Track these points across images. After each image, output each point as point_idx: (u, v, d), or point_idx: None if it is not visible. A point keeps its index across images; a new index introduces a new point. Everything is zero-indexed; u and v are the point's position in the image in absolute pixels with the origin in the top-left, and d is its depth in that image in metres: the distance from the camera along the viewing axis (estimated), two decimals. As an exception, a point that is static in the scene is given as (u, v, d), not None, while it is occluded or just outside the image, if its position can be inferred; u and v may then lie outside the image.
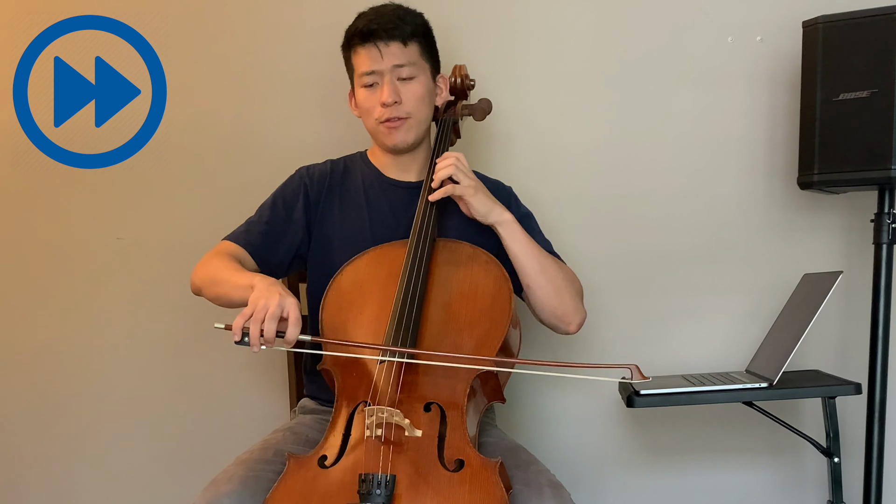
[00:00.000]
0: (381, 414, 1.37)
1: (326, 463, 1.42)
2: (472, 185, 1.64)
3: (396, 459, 1.37)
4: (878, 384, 1.76)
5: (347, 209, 1.78)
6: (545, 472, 1.52)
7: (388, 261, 1.62)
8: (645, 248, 2.06)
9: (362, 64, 1.69)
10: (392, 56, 1.67)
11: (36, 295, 2.27)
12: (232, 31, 2.18)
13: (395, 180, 1.80)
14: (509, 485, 1.43)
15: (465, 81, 1.87)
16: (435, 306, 1.56)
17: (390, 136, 1.72)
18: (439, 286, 1.59)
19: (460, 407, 1.45)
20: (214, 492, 1.42)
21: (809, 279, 1.81)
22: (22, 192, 2.26)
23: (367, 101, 1.71)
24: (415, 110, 1.71)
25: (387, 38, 1.66)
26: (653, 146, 2.05)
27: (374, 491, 1.32)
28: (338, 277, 1.63)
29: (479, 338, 1.53)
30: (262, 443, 1.62)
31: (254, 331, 1.38)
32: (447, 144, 1.79)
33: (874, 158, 1.68)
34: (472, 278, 1.60)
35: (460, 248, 1.65)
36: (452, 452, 1.40)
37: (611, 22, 2.06)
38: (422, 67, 1.72)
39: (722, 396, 1.69)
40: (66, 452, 2.28)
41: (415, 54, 1.70)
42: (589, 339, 2.07)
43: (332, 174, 1.81)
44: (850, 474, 1.81)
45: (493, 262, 1.62)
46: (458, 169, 1.64)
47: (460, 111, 1.86)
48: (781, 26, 1.94)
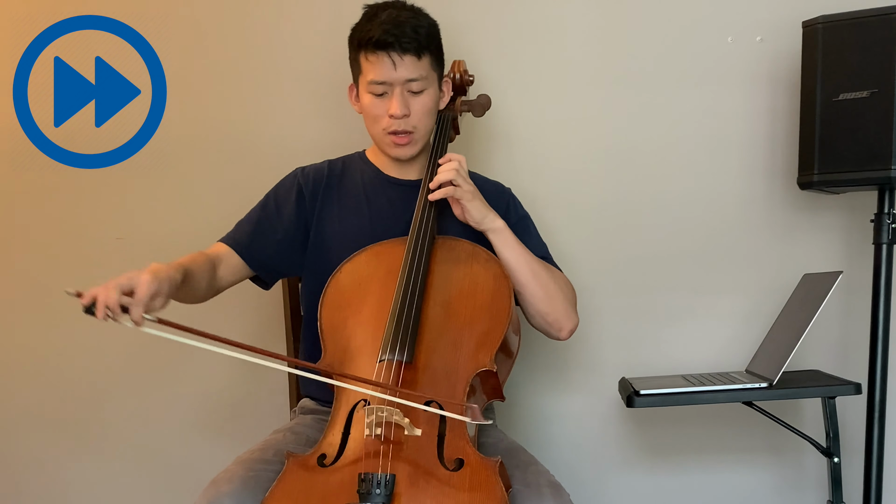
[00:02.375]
0: (381, 413, 1.37)
1: (326, 462, 1.42)
2: (470, 191, 1.65)
3: (396, 459, 1.37)
4: (878, 384, 1.76)
5: (346, 208, 1.78)
6: (545, 473, 1.52)
7: (388, 258, 1.62)
8: (644, 247, 2.06)
9: (374, 72, 1.66)
10: (405, 69, 1.65)
11: (36, 295, 2.27)
12: (232, 31, 2.18)
13: (394, 178, 1.79)
14: (509, 484, 1.43)
15: (464, 77, 1.86)
16: (434, 304, 1.56)
17: (394, 150, 1.72)
18: (439, 284, 1.58)
19: (460, 405, 1.44)
20: (215, 491, 1.42)
21: (809, 279, 1.81)
22: (22, 192, 2.26)
23: (374, 108, 1.70)
24: (420, 124, 1.71)
25: (401, 51, 1.64)
26: (653, 146, 2.05)
27: (374, 490, 1.32)
28: (336, 275, 1.63)
29: (479, 336, 1.53)
30: (262, 443, 1.62)
31: (99, 296, 1.34)
32: (446, 140, 1.79)
33: (874, 158, 1.68)
34: (472, 276, 1.60)
35: (460, 246, 1.65)
36: (452, 452, 1.40)
37: (610, 22, 2.06)
38: (432, 79, 1.71)
39: (722, 396, 1.69)
40: (66, 453, 2.28)
41: (427, 67, 1.68)
42: (589, 339, 2.07)
43: (329, 173, 1.80)
44: (850, 474, 1.81)
45: (493, 259, 1.62)
46: (458, 174, 1.64)
47: (459, 107, 1.85)
48: (781, 26, 1.94)
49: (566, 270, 1.87)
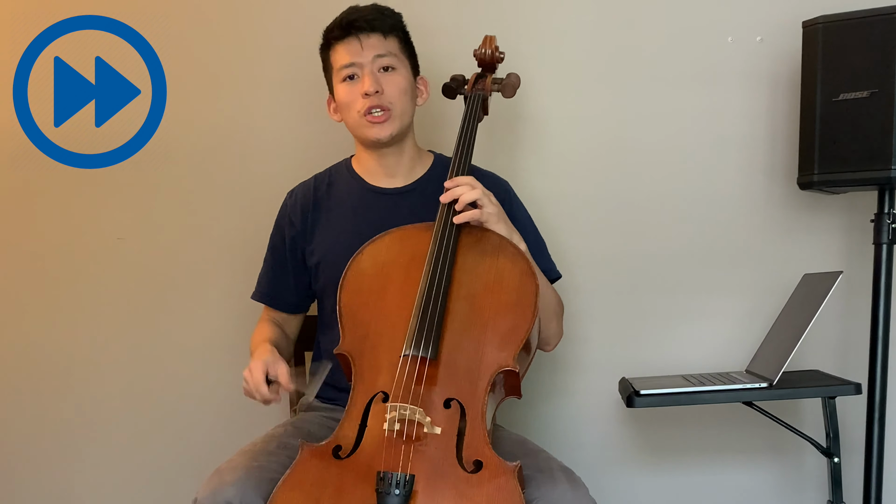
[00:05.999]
0: (404, 411, 1.36)
1: (341, 454, 1.40)
2: (495, 213, 1.58)
3: (415, 458, 1.36)
4: (878, 384, 1.76)
5: (334, 225, 1.78)
6: (554, 459, 1.54)
7: (412, 243, 1.57)
8: (644, 247, 2.06)
9: (341, 58, 1.69)
10: (372, 47, 1.67)
11: (36, 295, 2.27)
12: (232, 31, 2.18)
13: (380, 188, 1.78)
14: (524, 485, 1.42)
15: (495, 53, 1.77)
16: (459, 298, 1.51)
17: (372, 129, 1.70)
18: (464, 276, 1.53)
19: (480, 404, 1.43)
20: (218, 481, 1.43)
21: (809, 279, 1.81)
22: (22, 192, 2.26)
23: (347, 95, 1.70)
24: (397, 101, 1.69)
25: (367, 29, 1.67)
26: (653, 146, 2.05)
27: (393, 490, 1.31)
28: (357, 258, 1.58)
29: (503, 334, 1.48)
30: (265, 435, 1.63)
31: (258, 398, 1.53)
32: (476, 121, 1.71)
33: (874, 158, 1.68)
34: (498, 270, 1.54)
35: (487, 237, 1.57)
36: (471, 453, 1.38)
37: (610, 22, 2.06)
38: (402, 61, 1.72)
39: (722, 396, 1.69)
40: (67, 452, 2.28)
41: (395, 47, 1.70)
42: (589, 339, 2.07)
43: (315, 191, 1.81)
44: (850, 474, 1.81)
45: (521, 254, 1.56)
46: (483, 194, 1.56)
47: (489, 86, 1.76)
48: (781, 26, 1.94)
49: (565, 270, 1.88)
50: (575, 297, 2.00)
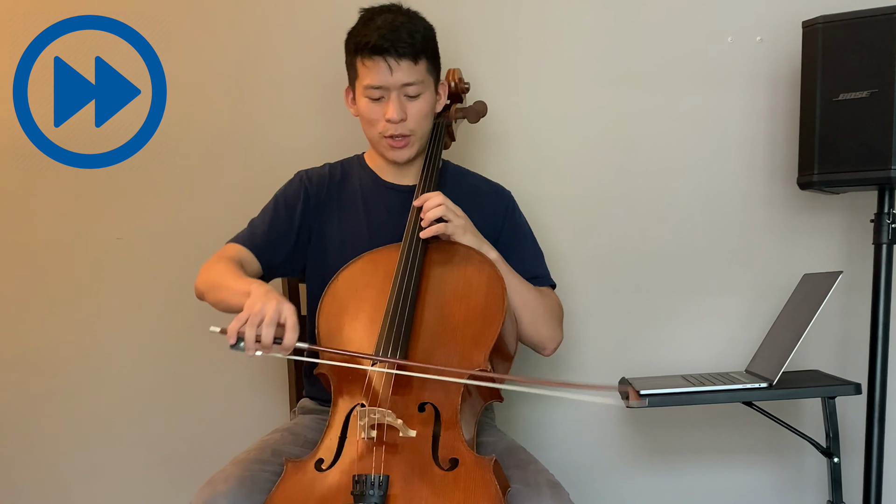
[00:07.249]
0: (374, 415, 1.37)
1: (323, 466, 1.42)
2: (461, 225, 1.63)
3: (390, 460, 1.38)
4: (878, 384, 1.76)
5: (346, 214, 1.78)
6: (544, 472, 1.52)
7: (384, 264, 1.61)
8: (644, 248, 2.06)
9: (370, 77, 1.66)
10: (402, 74, 1.65)
11: (36, 295, 2.27)
12: (232, 31, 2.18)
13: (392, 184, 1.80)
14: (507, 483, 1.43)
15: (459, 85, 1.86)
16: (429, 307, 1.56)
17: (391, 152, 1.73)
18: (433, 287, 1.58)
19: (454, 407, 1.45)
20: (211, 491, 1.43)
21: (809, 279, 1.81)
22: (22, 192, 2.26)
23: (370, 112, 1.70)
24: (418, 127, 1.71)
25: (397, 55, 1.64)
26: (652, 146, 2.05)
27: (368, 492, 1.32)
28: (333, 283, 1.63)
29: (473, 338, 1.52)
30: (259, 443, 1.62)
31: (249, 335, 1.38)
32: (440, 147, 1.78)
33: (874, 158, 1.68)
34: (466, 278, 1.60)
35: (454, 249, 1.64)
36: (447, 452, 1.40)
37: (609, 22, 2.06)
38: (428, 84, 1.71)
39: (722, 396, 1.69)
40: (64, 452, 2.28)
41: (423, 71, 1.69)
42: (589, 339, 2.07)
43: (330, 179, 1.81)
44: (850, 474, 1.81)
45: (487, 261, 1.61)
46: (447, 209, 1.62)
47: (454, 114, 1.85)
48: (781, 26, 1.94)
49: (565, 271, 1.88)
50: (575, 298, 2.00)
